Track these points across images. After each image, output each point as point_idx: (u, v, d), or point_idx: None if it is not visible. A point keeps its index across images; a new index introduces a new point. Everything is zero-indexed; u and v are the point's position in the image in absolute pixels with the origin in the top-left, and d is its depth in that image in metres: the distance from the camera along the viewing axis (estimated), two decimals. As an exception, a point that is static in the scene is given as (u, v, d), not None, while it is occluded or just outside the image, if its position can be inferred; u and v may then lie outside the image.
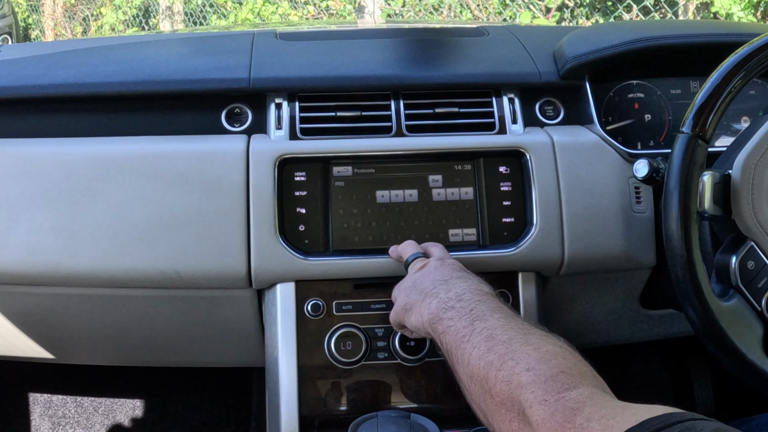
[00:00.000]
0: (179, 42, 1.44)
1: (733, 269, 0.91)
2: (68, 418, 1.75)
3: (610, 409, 0.64)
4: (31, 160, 1.08)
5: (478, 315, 0.81)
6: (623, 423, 0.60)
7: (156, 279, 1.06)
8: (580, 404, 0.65)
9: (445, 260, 0.97)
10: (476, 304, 0.83)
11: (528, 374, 0.70)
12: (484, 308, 0.82)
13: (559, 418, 0.65)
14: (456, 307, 0.84)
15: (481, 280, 0.92)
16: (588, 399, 0.66)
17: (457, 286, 0.88)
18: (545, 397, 0.67)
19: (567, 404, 0.66)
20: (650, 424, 0.59)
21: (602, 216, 1.09)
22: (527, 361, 0.72)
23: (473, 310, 0.83)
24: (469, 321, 0.81)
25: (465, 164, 1.10)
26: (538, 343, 0.75)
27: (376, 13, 4.31)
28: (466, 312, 0.83)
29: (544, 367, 0.70)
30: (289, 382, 1.05)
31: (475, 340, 0.78)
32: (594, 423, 0.62)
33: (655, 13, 3.49)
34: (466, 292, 0.86)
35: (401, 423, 0.96)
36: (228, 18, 5.20)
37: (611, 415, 0.62)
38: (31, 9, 7.75)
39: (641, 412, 0.61)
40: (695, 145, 0.88)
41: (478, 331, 0.79)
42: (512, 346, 0.75)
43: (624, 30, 1.24)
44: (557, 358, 0.72)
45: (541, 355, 0.72)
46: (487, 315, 0.81)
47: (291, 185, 1.08)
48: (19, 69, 1.19)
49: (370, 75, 1.17)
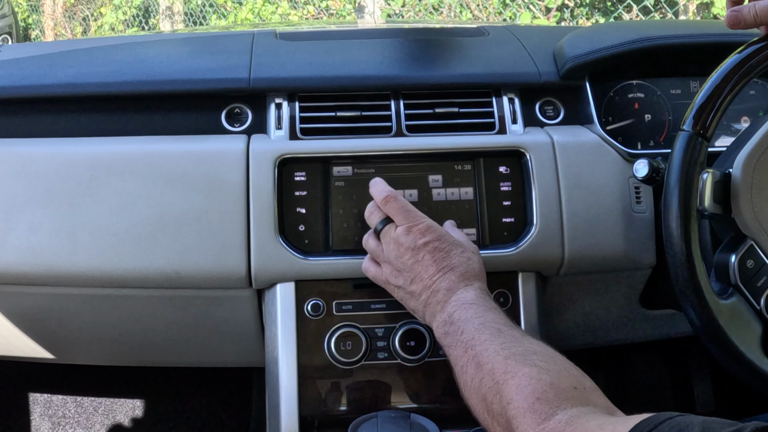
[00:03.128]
0: (179, 42, 1.44)
1: (733, 268, 0.91)
2: (68, 418, 1.75)
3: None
4: (31, 160, 1.08)
5: (467, 340, 0.86)
6: None
7: (156, 279, 1.06)
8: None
9: (412, 230, 0.96)
10: (465, 325, 0.87)
11: (510, 408, 0.74)
12: (471, 330, 0.86)
13: None
14: (450, 332, 0.89)
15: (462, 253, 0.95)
16: (566, 426, 0.68)
17: (449, 304, 0.91)
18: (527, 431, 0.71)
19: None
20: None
21: (602, 216, 1.09)
22: (508, 394, 0.75)
23: (463, 333, 0.87)
24: (462, 349, 0.86)
25: (465, 164, 1.10)
26: (515, 368, 0.78)
27: (376, 13, 4.31)
28: (458, 337, 0.87)
29: (521, 398, 0.74)
30: (289, 382, 1.05)
31: (470, 371, 0.83)
32: None
33: (655, 13, 3.49)
34: (456, 311, 0.90)
35: (401, 423, 0.96)
36: (228, 18, 5.21)
37: None
38: (31, 9, 7.75)
39: (619, 427, 0.63)
40: (696, 143, 0.88)
41: (470, 360, 0.84)
42: (495, 377, 0.78)
43: (624, 30, 1.24)
44: (533, 383, 0.74)
45: (518, 383, 0.75)
46: (475, 338, 0.85)
47: (291, 185, 1.08)
48: (19, 69, 1.19)
49: (370, 75, 1.17)
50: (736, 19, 0.89)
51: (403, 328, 1.06)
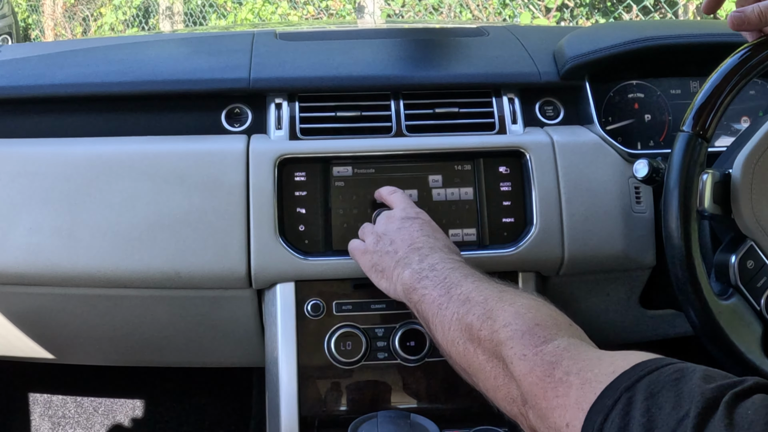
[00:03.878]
0: (179, 42, 1.44)
1: (733, 268, 0.91)
2: (68, 418, 1.75)
3: (587, 360, 0.66)
4: (31, 160, 1.08)
5: (452, 283, 0.84)
6: (601, 375, 0.62)
7: (156, 279, 1.06)
8: (557, 357, 0.67)
9: (407, 210, 0.98)
10: (449, 272, 0.86)
11: (505, 330, 0.73)
12: (457, 275, 0.85)
13: (539, 372, 0.67)
14: (430, 276, 0.86)
15: (451, 244, 0.95)
16: (565, 351, 0.68)
17: (430, 257, 0.90)
18: (524, 352, 0.70)
19: (545, 358, 0.68)
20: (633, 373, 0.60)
21: (602, 216, 1.09)
22: (504, 318, 0.74)
23: (446, 278, 0.85)
24: (444, 289, 0.84)
25: (465, 164, 1.10)
26: (512, 298, 0.77)
27: (376, 13, 4.31)
28: (440, 280, 0.85)
29: (520, 322, 0.73)
30: (289, 382, 1.05)
31: (453, 306, 0.81)
32: (572, 377, 0.64)
33: (655, 13, 3.49)
34: (438, 262, 0.88)
35: (401, 423, 0.96)
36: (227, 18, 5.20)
37: (589, 367, 0.64)
38: (31, 9, 7.75)
39: (618, 361, 0.63)
40: (696, 144, 0.88)
41: (455, 298, 0.81)
42: (488, 305, 0.77)
43: (624, 30, 1.24)
44: (531, 312, 0.74)
45: (516, 309, 0.74)
46: (461, 281, 0.83)
47: (291, 185, 1.08)
48: (19, 69, 1.19)
49: (370, 75, 1.17)
50: (740, 19, 0.88)
51: (403, 328, 1.06)
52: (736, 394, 0.54)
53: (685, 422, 0.53)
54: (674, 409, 0.55)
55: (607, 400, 0.59)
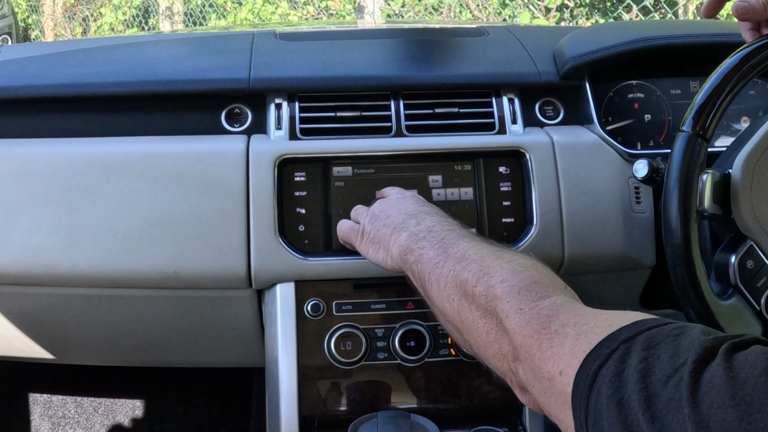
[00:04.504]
0: (179, 42, 1.44)
1: (733, 268, 0.91)
2: (68, 418, 1.75)
3: (583, 315, 0.66)
4: (31, 160, 1.08)
5: (449, 242, 0.84)
6: (597, 328, 0.62)
7: (156, 279, 1.06)
8: (554, 312, 0.67)
9: (403, 192, 1.00)
10: (446, 233, 0.86)
11: (502, 285, 0.73)
12: (454, 236, 0.85)
13: (535, 325, 0.67)
14: (427, 237, 0.86)
15: (447, 214, 0.95)
16: (561, 306, 0.68)
17: (426, 220, 0.90)
18: (520, 306, 0.70)
19: (541, 312, 0.68)
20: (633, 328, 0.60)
21: (602, 216, 1.09)
22: (501, 274, 0.74)
23: (444, 238, 0.85)
24: (441, 249, 0.83)
25: (465, 164, 1.10)
26: (510, 257, 0.77)
27: (376, 13, 4.31)
28: (437, 241, 0.85)
29: (517, 278, 0.73)
30: (289, 382, 1.05)
31: (450, 264, 0.81)
32: (569, 328, 0.64)
33: (655, 13, 3.49)
34: (436, 224, 0.88)
35: (401, 423, 0.96)
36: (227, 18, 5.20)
37: (584, 321, 0.64)
38: (31, 9, 7.75)
39: (614, 317, 0.63)
40: (695, 144, 0.88)
41: (451, 256, 0.81)
42: (485, 263, 0.77)
43: (624, 30, 1.24)
44: (529, 270, 0.74)
45: (513, 267, 0.75)
46: (458, 240, 0.83)
47: (291, 185, 1.08)
48: (19, 69, 1.19)
49: (370, 75, 1.17)
50: (744, 9, 0.87)
51: (403, 328, 1.06)
52: (734, 344, 0.54)
53: (683, 368, 0.53)
54: (672, 357, 0.55)
55: (604, 349, 0.59)
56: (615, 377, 0.56)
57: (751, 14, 0.87)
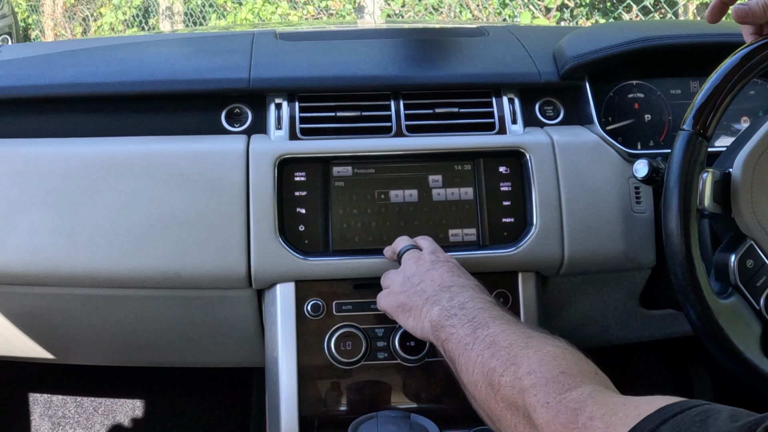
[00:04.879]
0: (179, 42, 1.44)
1: (732, 268, 0.91)
2: (68, 418, 1.75)
3: (611, 405, 0.64)
4: (31, 160, 1.08)
5: (480, 323, 0.83)
6: (625, 418, 0.61)
7: (156, 279, 1.06)
8: (581, 404, 0.66)
9: (437, 254, 0.98)
10: (478, 312, 0.84)
11: (530, 377, 0.71)
12: (485, 316, 0.84)
13: (563, 419, 0.66)
14: (458, 315, 0.85)
15: (481, 285, 0.93)
16: (589, 397, 0.66)
17: (460, 295, 0.89)
18: (547, 399, 0.68)
19: (569, 405, 0.66)
20: (658, 417, 0.59)
21: (602, 216, 1.09)
22: (528, 365, 0.73)
23: (475, 318, 0.84)
24: (471, 329, 0.82)
25: (465, 164, 1.10)
26: (538, 345, 0.76)
27: (376, 13, 4.31)
28: (468, 320, 0.84)
29: (545, 369, 0.71)
30: (289, 382, 1.05)
31: (478, 348, 0.79)
32: (596, 421, 0.63)
33: (655, 13, 3.49)
34: (468, 301, 0.87)
35: (401, 423, 0.96)
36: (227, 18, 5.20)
37: (613, 411, 0.63)
38: (31, 9, 7.75)
39: (643, 405, 0.62)
40: (696, 143, 0.88)
41: (480, 339, 0.80)
42: (513, 351, 0.76)
43: (624, 30, 1.24)
44: (557, 359, 0.73)
45: (542, 357, 0.73)
46: (489, 322, 0.82)
47: (291, 185, 1.08)
48: (19, 69, 1.19)
49: (370, 75, 1.17)
50: (744, 12, 0.87)
51: (402, 328, 1.06)
52: (766, 428, 0.53)
53: None
54: None
55: None
56: None
57: (751, 17, 0.87)
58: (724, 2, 0.91)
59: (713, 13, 0.92)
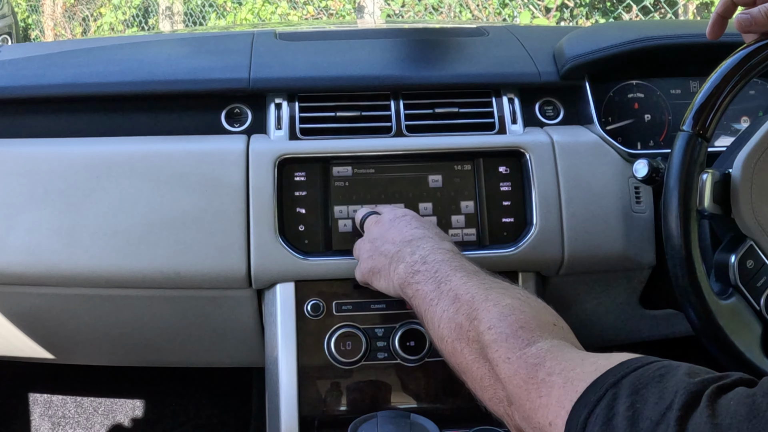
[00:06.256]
0: (179, 42, 1.44)
1: (732, 268, 0.91)
2: (68, 418, 1.75)
3: (569, 360, 0.66)
4: (31, 160, 1.08)
5: (442, 276, 0.85)
6: (583, 374, 0.63)
7: (156, 279, 1.06)
8: (540, 359, 0.68)
9: (395, 211, 1.00)
10: (440, 265, 0.86)
11: (490, 333, 0.74)
12: (446, 269, 0.85)
13: (523, 374, 0.68)
14: (422, 270, 0.87)
15: (441, 233, 0.96)
16: (548, 353, 0.68)
17: (421, 248, 0.90)
18: (508, 355, 0.71)
19: (528, 360, 0.69)
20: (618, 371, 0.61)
21: (602, 216, 1.09)
22: (488, 320, 0.75)
23: (437, 272, 0.86)
24: (435, 284, 0.84)
25: (465, 164, 1.10)
26: (498, 298, 0.78)
27: (376, 13, 4.31)
28: (431, 274, 0.86)
29: (504, 324, 0.73)
30: (289, 382, 1.05)
31: (443, 303, 0.82)
32: (555, 377, 0.65)
33: (655, 13, 3.49)
34: (430, 254, 0.89)
35: (401, 423, 0.96)
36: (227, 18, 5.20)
37: (571, 367, 0.65)
38: (30, 9, 7.75)
39: (600, 361, 0.64)
40: (696, 143, 0.88)
41: (444, 294, 0.82)
42: (475, 305, 0.78)
43: (624, 30, 1.24)
44: (516, 313, 0.75)
45: (500, 310, 0.75)
46: (450, 276, 0.84)
47: (291, 185, 1.08)
48: (19, 69, 1.19)
49: (369, 75, 1.17)
50: (747, 21, 0.87)
51: (402, 328, 1.06)
52: (719, 387, 0.55)
53: (669, 414, 0.54)
54: (658, 402, 0.55)
55: (591, 396, 0.60)
56: (604, 426, 0.57)
57: (755, 26, 0.87)
58: (723, 16, 0.92)
59: (714, 29, 0.93)
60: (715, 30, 0.93)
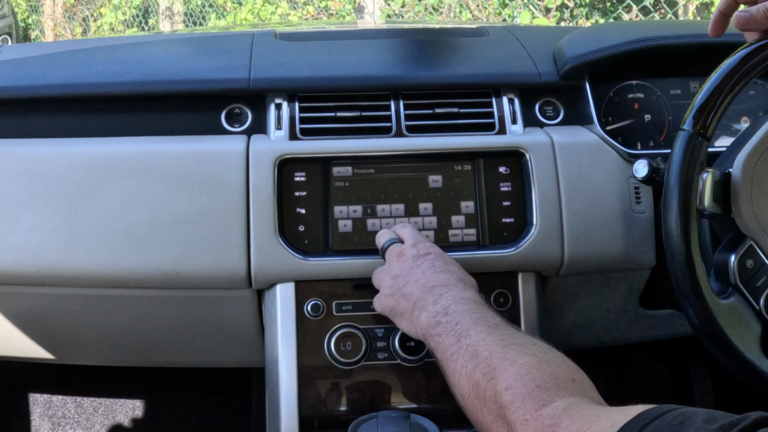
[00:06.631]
0: (179, 42, 1.44)
1: (732, 268, 0.91)
2: (68, 418, 1.75)
3: (585, 419, 0.66)
4: (31, 160, 1.08)
5: (462, 330, 0.84)
6: None
7: (156, 279, 1.06)
8: (556, 419, 0.68)
9: (418, 247, 0.98)
10: (461, 317, 0.86)
11: (507, 393, 0.74)
12: (467, 321, 0.85)
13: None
14: (443, 322, 0.87)
15: (465, 276, 0.95)
16: (563, 413, 0.68)
17: (444, 297, 0.90)
18: (525, 417, 0.71)
19: (545, 421, 0.69)
20: (636, 423, 0.60)
21: (602, 216, 1.09)
22: (506, 380, 0.75)
23: (458, 324, 0.85)
24: (455, 338, 0.84)
25: (465, 164, 1.10)
26: (515, 356, 0.77)
27: (376, 13, 4.31)
28: (452, 327, 0.86)
29: (521, 384, 0.73)
30: (289, 383, 1.05)
31: (462, 359, 0.82)
32: None
33: (655, 13, 3.49)
34: (452, 304, 0.89)
35: (401, 423, 0.96)
36: (227, 18, 5.21)
37: (587, 426, 0.65)
38: (31, 9, 7.75)
39: (616, 416, 0.63)
40: (696, 143, 0.88)
41: (464, 349, 0.82)
42: (492, 363, 0.78)
43: (624, 30, 1.24)
44: (533, 372, 0.74)
45: (518, 370, 0.75)
46: (470, 329, 0.84)
47: (291, 185, 1.08)
48: (19, 69, 1.19)
49: (369, 75, 1.17)
50: (746, 19, 0.87)
51: (402, 328, 1.06)
52: (741, 430, 0.54)
53: None
54: None
55: None
56: None
57: (753, 24, 0.87)
58: (725, 14, 0.92)
59: (716, 26, 0.93)
60: (717, 27, 0.93)
